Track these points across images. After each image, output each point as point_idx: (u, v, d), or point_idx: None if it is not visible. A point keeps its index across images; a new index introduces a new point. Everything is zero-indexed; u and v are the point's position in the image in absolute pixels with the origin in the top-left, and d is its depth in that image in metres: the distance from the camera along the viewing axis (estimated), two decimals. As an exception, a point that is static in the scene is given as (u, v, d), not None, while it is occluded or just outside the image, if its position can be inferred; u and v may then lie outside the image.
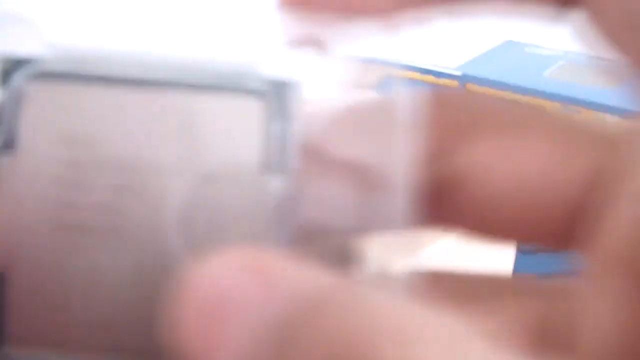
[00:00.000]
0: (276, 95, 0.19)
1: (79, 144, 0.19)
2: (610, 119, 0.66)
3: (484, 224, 0.19)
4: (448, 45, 0.75)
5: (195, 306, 0.14)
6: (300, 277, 0.14)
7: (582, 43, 0.18)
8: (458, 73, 0.73)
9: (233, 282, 0.13)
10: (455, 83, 0.72)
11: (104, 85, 0.19)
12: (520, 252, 0.64)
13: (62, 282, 0.19)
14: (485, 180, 0.18)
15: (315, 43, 0.20)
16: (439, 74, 0.72)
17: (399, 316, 0.12)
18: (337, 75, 0.20)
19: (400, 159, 0.17)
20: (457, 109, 0.19)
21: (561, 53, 0.78)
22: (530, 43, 0.82)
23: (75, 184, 0.19)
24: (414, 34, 0.20)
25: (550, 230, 0.18)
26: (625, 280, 0.14)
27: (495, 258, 0.61)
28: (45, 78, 0.19)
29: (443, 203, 0.18)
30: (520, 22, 0.20)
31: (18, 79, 0.19)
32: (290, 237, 0.19)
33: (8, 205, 0.18)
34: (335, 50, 0.20)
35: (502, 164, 0.18)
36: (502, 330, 0.17)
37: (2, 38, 0.19)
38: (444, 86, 0.72)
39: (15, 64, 0.19)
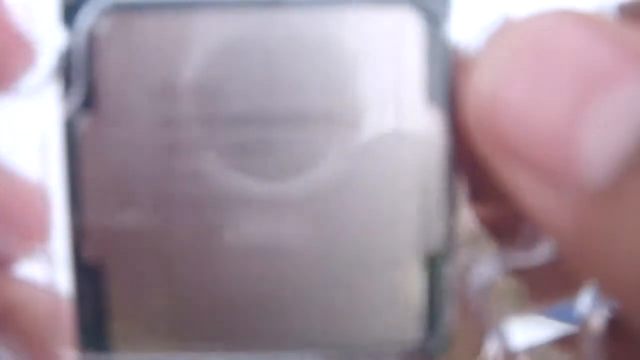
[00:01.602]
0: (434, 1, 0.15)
1: (178, 95, 0.14)
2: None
3: None
4: None
5: (536, 67, 0.12)
6: None
7: None
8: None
9: (596, 51, 0.12)
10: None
11: (205, 12, 0.14)
12: None
13: (170, 271, 0.15)
14: None
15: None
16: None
17: None
18: None
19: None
20: None
21: None
22: None
23: (176, 147, 0.14)
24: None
25: None
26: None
27: None
28: (122, 10, 0.14)
29: None
30: None
31: (87, 14, 0.14)
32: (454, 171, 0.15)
33: (94, 181, 0.14)
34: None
35: None
36: None
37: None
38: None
39: (80, -5, 0.14)
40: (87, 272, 0.15)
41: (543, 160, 0.12)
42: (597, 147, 0.12)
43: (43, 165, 0.15)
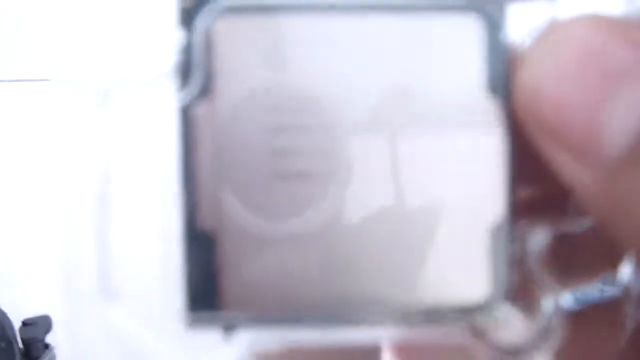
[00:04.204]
0: (492, 6, 0.17)
1: (284, 85, 0.17)
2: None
3: None
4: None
5: (567, 63, 0.15)
6: None
7: None
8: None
9: (620, 49, 0.15)
10: None
11: (307, 15, 0.17)
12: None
13: (280, 238, 0.17)
14: None
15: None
16: None
17: None
18: None
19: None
20: None
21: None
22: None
23: (284, 129, 0.17)
24: None
25: None
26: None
27: None
28: (236, 12, 0.17)
29: None
30: None
31: (205, 16, 0.17)
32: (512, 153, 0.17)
33: (211, 159, 0.17)
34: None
35: None
36: None
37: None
38: None
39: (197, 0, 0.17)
40: (200, 239, 0.17)
41: (575, 139, 0.15)
42: (616, 128, 0.15)
43: (165, 145, 0.17)
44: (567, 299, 0.18)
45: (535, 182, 0.19)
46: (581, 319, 0.19)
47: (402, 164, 0.17)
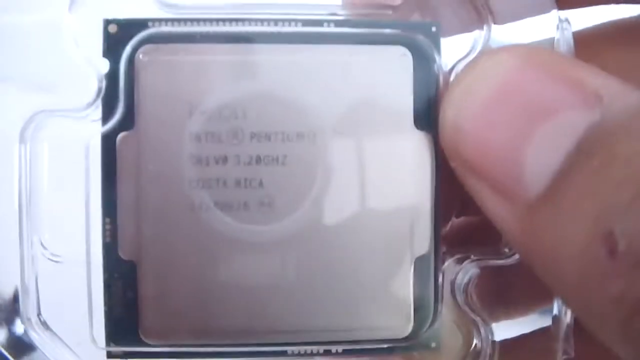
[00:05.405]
0: (422, 40, 0.17)
1: (207, 114, 0.17)
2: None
3: None
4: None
5: (488, 101, 0.15)
6: (613, 84, 0.14)
7: None
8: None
9: (540, 84, 0.14)
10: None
11: (231, 44, 0.17)
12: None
13: (198, 267, 0.17)
14: None
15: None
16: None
17: None
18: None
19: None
20: None
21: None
22: None
23: (206, 158, 0.17)
24: None
25: None
26: None
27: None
28: (160, 42, 0.17)
29: None
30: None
31: (129, 45, 0.16)
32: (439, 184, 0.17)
33: (132, 187, 0.17)
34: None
35: None
36: None
37: None
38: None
39: (122, 29, 0.17)
40: (121, 270, 0.17)
41: (495, 178, 0.15)
42: (535, 167, 0.14)
43: (86, 174, 0.17)
44: (499, 330, 0.18)
45: (468, 214, 0.19)
46: (512, 350, 0.19)
47: (324, 192, 0.17)
